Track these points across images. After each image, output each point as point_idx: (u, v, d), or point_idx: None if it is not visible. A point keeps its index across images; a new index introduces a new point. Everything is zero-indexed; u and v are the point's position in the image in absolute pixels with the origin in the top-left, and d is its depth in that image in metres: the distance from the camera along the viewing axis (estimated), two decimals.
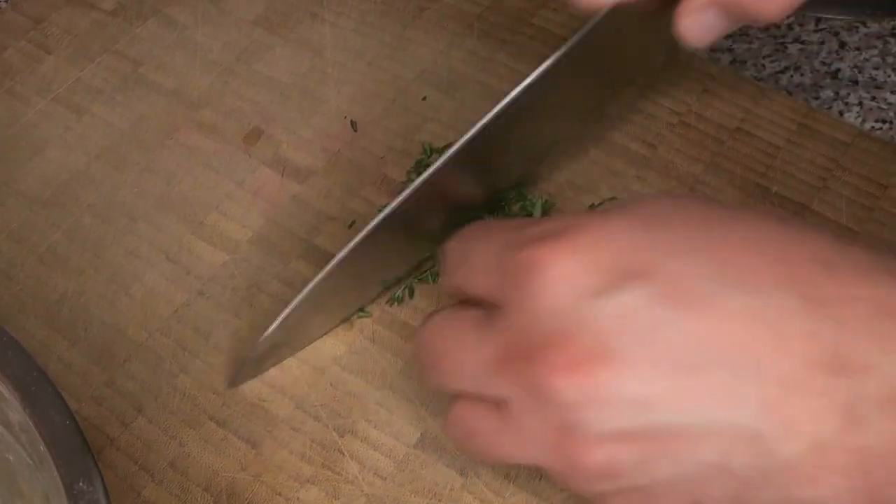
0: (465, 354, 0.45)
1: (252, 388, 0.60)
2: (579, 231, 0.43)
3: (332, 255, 0.61)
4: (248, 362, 0.59)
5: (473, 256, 0.46)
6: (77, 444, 0.47)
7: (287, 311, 0.58)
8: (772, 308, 0.40)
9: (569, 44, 0.57)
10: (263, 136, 0.72)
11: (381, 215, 0.56)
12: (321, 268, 0.64)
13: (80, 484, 0.45)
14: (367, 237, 0.56)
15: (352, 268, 0.58)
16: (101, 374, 0.61)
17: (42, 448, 0.47)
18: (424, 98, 0.73)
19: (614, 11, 0.57)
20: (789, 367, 0.40)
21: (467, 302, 0.47)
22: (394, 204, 0.56)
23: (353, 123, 0.72)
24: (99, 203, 0.69)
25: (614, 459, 0.42)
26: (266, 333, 0.58)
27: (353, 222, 0.67)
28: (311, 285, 0.57)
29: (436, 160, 0.67)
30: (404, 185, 0.63)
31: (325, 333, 0.62)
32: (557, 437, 0.42)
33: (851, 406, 0.39)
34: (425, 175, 0.57)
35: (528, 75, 0.57)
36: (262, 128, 0.72)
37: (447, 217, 0.61)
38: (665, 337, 0.40)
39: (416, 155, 0.70)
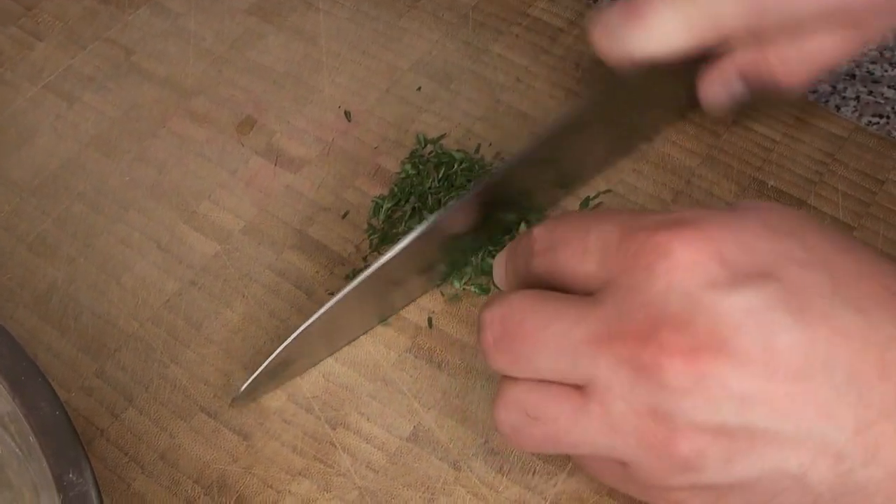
0: (561, 329, 0.44)
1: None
2: (711, 222, 0.43)
3: (325, 246, 0.61)
4: (257, 380, 0.58)
5: (588, 236, 0.45)
6: (67, 435, 0.47)
7: (296, 334, 0.57)
8: (881, 335, 0.41)
9: (588, 98, 0.58)
10: (256, 125, 0.71)
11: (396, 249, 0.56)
12: (314, 259, 0.63)
13: (70, 475, 0.45)
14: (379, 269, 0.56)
15: (366, 291, 0.57)
16: (91, 365, 0.61)
17: (31, 439, 0.47)
18: (419, 88, 0.73)
19: (640, 67, 0.58)
20: (888, 393, 0.41)
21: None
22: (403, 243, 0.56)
23: (346, 113, 0.72)
24: (90, 191, 0.68)
25: (703, 452, 0.42)
26: (274, 354, 0.57)
27: (347, 213, 0.66)
28: (323, 309, 0.56)
29: (430, 151, 0.67)
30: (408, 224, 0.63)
31: (336, 351, 0.61)
32: (650, 423, 0.43)
33: None
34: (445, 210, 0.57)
35: (550, 125, 0.59)
36: (256, 117, 0.72)
37: (460, 241, 0.61)
38: (780, 341, 0.41)
39: (410, 145, 0.70)
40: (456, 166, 0.67)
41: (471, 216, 0.59)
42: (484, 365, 0.60)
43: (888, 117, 0.73)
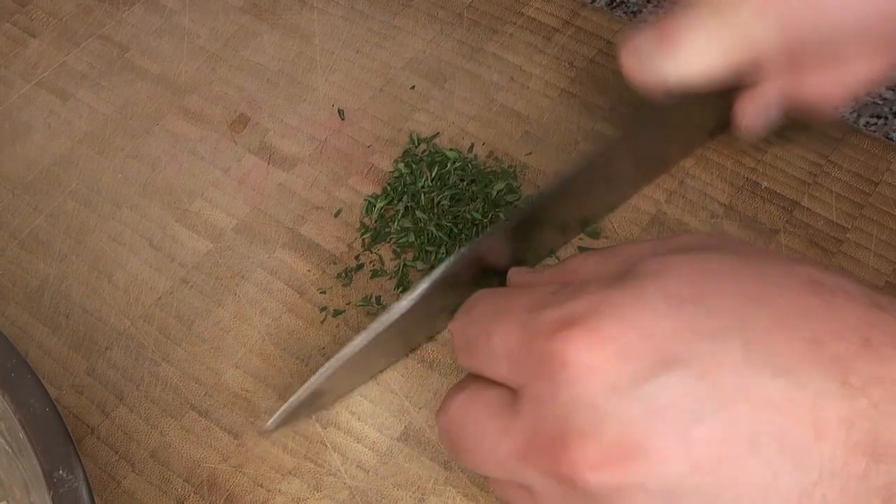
0: (491, 444, 0.44)
1: (235, 378, 0.60)
2: (608, 315, 0.41)
3: (318, 245, 0.61)
4: (289, 411, 0.56)
5: (492, 339, 0.45)
6: (57, 432, 0.47)
7: (325, 368, 0.54)
8: (808, 394, 0.39)
9: (626, 118, 0.57)
10: (250, 123, 0.71)
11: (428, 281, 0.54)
12: (306, 257, 0.63)
13: (60, 472, 0.45)
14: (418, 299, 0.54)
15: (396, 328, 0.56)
16: (82, 362, 0.61)
17: (21, 436, 0.46)
18: (413, 87, 0.73)
19: (674, 93, 0.56)
20: (828, 452, 0.39)
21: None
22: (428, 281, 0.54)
23: (340, 112, 0.72)
24: (82, 188, 0.68)
25: None
26: (305, 387, 0.54)
27: (339, 211, 0.66)
28: (353, 345, 0.54)
29: (424, 150, 0.67)
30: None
31: (371, 378, 0.61)
32: None
33: (891, 489, 0.38)
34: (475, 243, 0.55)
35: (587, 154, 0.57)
36: (249, 115, 0.72)
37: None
38: (697, 431, 0.39)
39: (403, 144, 0.69)
40: (449, 165, 0.67)
41: (502, 249, 0.58)
42: None
43: (886, 118, 0.73)
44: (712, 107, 0.60)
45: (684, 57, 0.55)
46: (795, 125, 0.64)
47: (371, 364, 0.59)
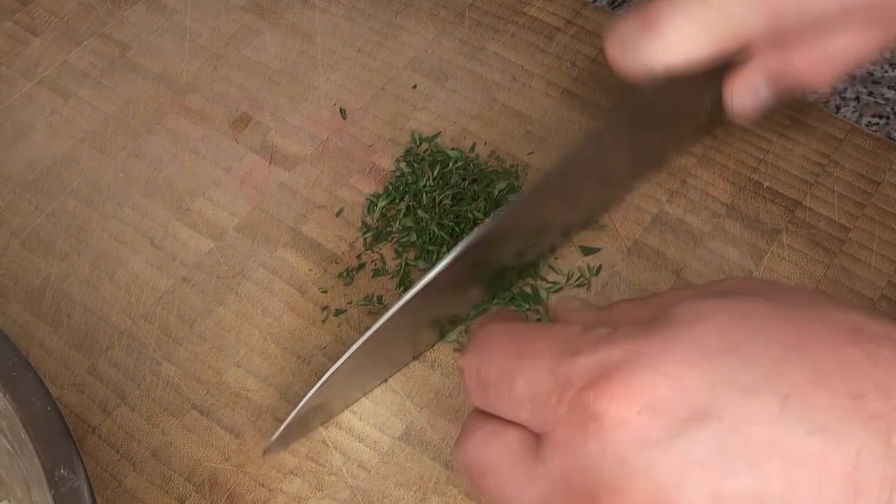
0: (515, 489, 0.43)
1: (236, 377, 0.60)
2: (640, 366, 0.40)
3: (319, 244, 0.61)
4: (288, 428, 0.57)
5: (515, 382, 0.43)
6: (58, 431, 0.46)
7: (323, 379, 0.55)
8: (847, 453, 0.37)
9: (612, 111, 0.56)
10: (251, 122, 0.71)
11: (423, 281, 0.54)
12: (308, 256, 0.63)
13: (62, 471, 0.45)
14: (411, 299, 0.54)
15: (390, 332, 0.55)
16: (84, 361, 0.61)
17: (23, 435, 0.46)
18: (414, 86, 0.73)
19: (660, 80, 0.56)
20: None
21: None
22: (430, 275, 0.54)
23: (342, 111, 0.72)
24: (84, 187, 0.68)
25: None
26: (303, 402, 0.55)
27: (341, 210, 0.66)
28: (348, 354, 0.54)
29: (426, 149, 0.67)
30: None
31: (371, 391, 0.60)
32: None
33: None
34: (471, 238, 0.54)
35: (574, 144, 0.56)
36: (251, 114, 0.72)
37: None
38: (728, 488, 0.38)
39: (405, 143, 0.69)
40: (451, 164, 0.67)
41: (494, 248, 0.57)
42: None
43: (888, 118, 0.73)
44: (702, 93, 0.59)
45: (667, 41, 0.55)
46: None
47: (374, 372, 0.59)
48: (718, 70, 0.56)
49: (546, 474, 0.41)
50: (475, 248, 0.54)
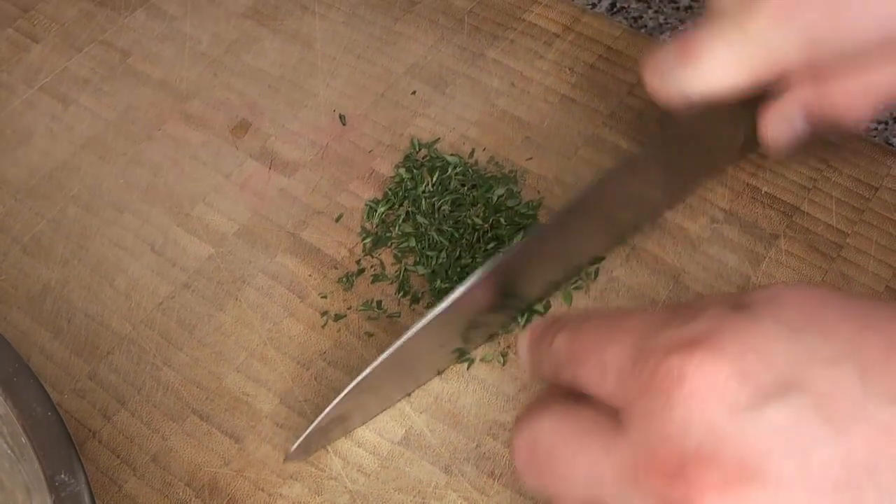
0: (589, 461, 0.43)
1: (236, 382, 0.60)
2: (727, 337, 0.40)
3: (319, 250, 0.61)
4: (310, 436, 0.57)
5: (605, 353, 0.43)
6: (59, 436, 0.47)
7: (345, 392, 0.55)
8: None
9: (649, 138, 0.56)
10: (251, 128, 0.71)
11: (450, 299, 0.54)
12: (307, 262, 0.64)
13: (62, 476, 0.45)
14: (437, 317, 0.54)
15: (412, 350, 0.55)
16: (84, 367, 0.61)
17: (23, 440, 0.47)
18: (414, 93, 0.73)
19: (699, 106, 0.56)
20: None
21: (566, 393, 0.45)
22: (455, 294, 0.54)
23: (341, 117, 0.72)
24: (84, 193, 0.68)
25: None
26: (326, 411, 0.55)
27: (341, 216, 0.66)
28: (373, 366, 0.54)
29: (425, 156, 0.67)
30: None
31: (391, 406, 0.60)
32: None
33: None
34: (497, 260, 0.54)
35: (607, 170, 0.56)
36: (251, 120, 0.72)
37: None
38: (815, 457, 0.38)
39: (404, 149, 0.70)
40: (450, 171, 0.67)
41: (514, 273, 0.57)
42: (477, 371, 0.60)
43: (887, 123, 0.73)
44: (737, 122, 0.59)
45: (705, 70, 0.55)
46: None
47: (395, 386, 0.59)
48: (754, 100, 0.56)
49: (626, 446, 0.41)
50: (504, 271, 0.54)
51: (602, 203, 0.58)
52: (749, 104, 0.56)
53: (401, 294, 0.63)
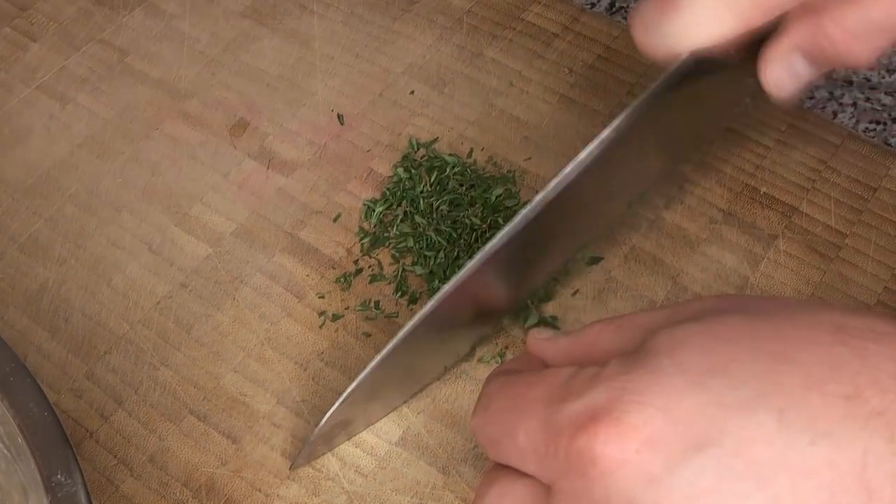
0: None
1: (233, 382, 0.60)
2: (629, 402, 0.38)
3: (317, 250, 0.61)
4: (313, 443, 0.57)
5: (516, 437, 0.42)
6: (55, 437, 0.46)
7: (346, 394, 0.54)
8: (851, 455, 0.36)
9: (640, 99, 0.53)
10: (249, 127, 0.71)
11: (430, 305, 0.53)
12: (305, 262, 0.63)
13: (59, 476, 0.45)
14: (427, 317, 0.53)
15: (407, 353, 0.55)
16: (81, 366, 0.61)
17: (20, 440, 0.46)
18: (412, 92, 0.73)
19: (690, 61, 0.53)
20: None
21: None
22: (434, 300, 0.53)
23: (339, 116, 0.72)
24: (82, 192, 0.68)
25: None
26: (328, 415, 0.55)
27: (339, 216, 0.66)
28: (366, 371, 0.54)
29: (423, 155, 0.67)
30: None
31: (394, 409, 0.60)
32: None
33: None
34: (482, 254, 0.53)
35: (595, 137, 0.54)
36: (249, 119, 0.72)
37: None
38: None
39: (402, 149, 0.70)
40: (448, 170, 0.67)
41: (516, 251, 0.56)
42: (475, 371, 0.60)
43: (885, 124, 0.73)
44: (738, 76, 0.56)
45: (691, 19, 0.51)
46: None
47: (397, 389, 0.59)
48: (752, 51, 0.54)
49: None
50: (504, 249, 0.53)
51: (608, 168, 0.55)
52: (747, 56, 0.54)
53: (399, 294, 0.63)
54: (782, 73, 0.53)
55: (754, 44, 0.53)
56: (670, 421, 0.38)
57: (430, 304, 0.53)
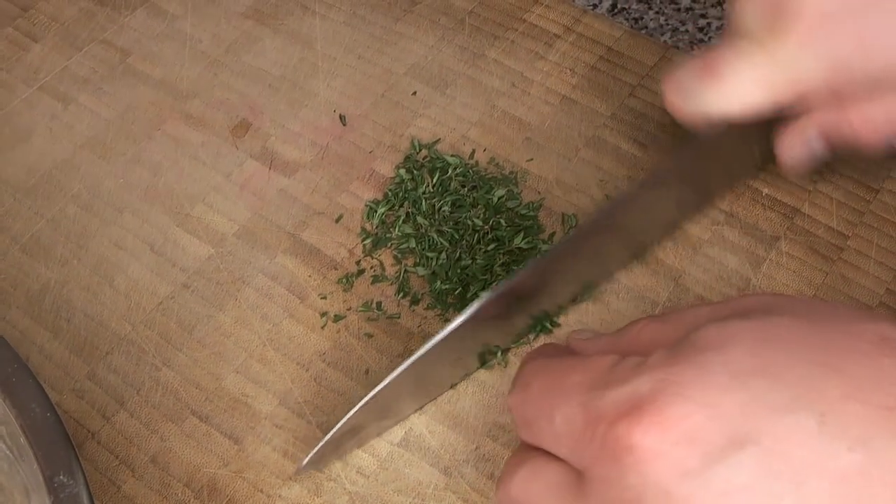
0: None
1: (235, 383, 0.60)
2: (672, 395, 0.39)
3: (319, 250, 0.61)
4: (325, 447, 0.56)
5: (553, 419, 0.42)
6: (58, 437, 0.47)
7: (361, 404, 0.54)
8: (886, 464, 0.37)
9: (670, 163, 0.55)
10: (251, 128, 0.71)
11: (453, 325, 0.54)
12: (307, 262, 0.63)
13: (61, 477, 0.45)
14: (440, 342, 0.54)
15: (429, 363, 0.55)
16: (83, 367, 0.61)
17: (22, 440, 0.46)
18: (414, 93, 0.73)
19: (721, 129, 0.56)
20: None
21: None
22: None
23: (341, 117, 0.72)
24: (84, 193, 0.68)
25: None
26: (339, 425, 0.55)
27: (341, 217, 0.66)
28: (386, 381, 0.54)
29: (425, 156, 0.67)
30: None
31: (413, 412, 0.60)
32: None
33: None
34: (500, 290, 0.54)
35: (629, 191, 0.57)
36: (251, 120, 0.72)
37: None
38: None
39: (404, 150, 0.70)
40: (450, 171, 0.67)
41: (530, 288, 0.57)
42: (476, 373, 0.60)
43: None
44: (754, 140, 0.59)
45: (728, 90, 0.55)
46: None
47: (409, 400, 0.59)
48: (772, 119, 0.56)
49: None
50: (523, 283, 0.54)
51: (623, 220, 0.58)
52: (767, 122, 0.56)
53: (400, 295, 0.63)
54: (800, 148, 0.57)
55: (772, 115, 0.56)
56: (712, 417, 0.38)
57: (453, 324, 0.53)
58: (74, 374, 0.61)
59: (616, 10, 0.81)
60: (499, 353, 0.60)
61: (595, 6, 0.81)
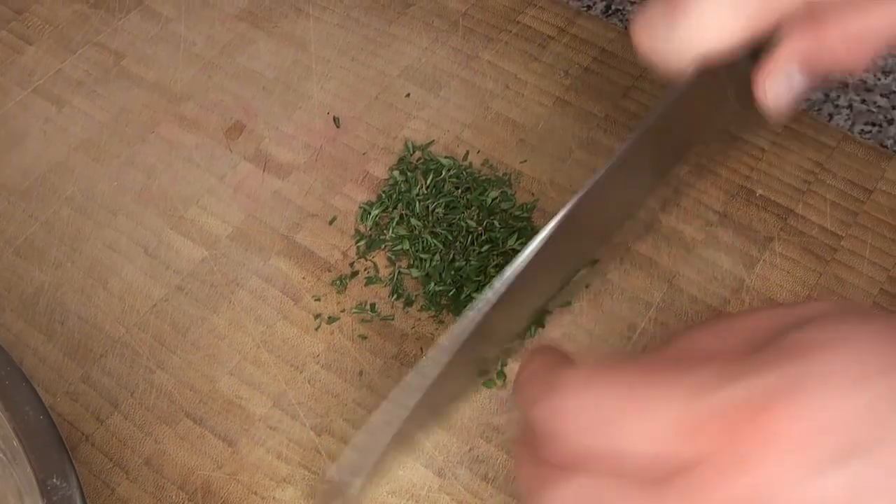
0: None
1: (229, 385, 0.60)
2: (802, 392, 0.37)
3: (312, 252, 0.61)
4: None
5: (657, 411, 0.39)
6: (51, 440, 0.47)
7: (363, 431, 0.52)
8: None
9: (652, 116, 0.53)
10: (245, 130, 0.71)
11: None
12: (301, 264, 0.63)
13: (54, 480, 0.45)
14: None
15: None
16: (77, 370, 0.61)
17: (15, 443, 0.47)
18: (408, 95, 0.73)
19: (695, 78, 0.52)
20: None
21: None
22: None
23: (335, 119, 0.72)
24: (78, 196, 0.68)
25: None
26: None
27: (334, 219, 0.66)
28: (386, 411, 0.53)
29: (419, 158, 0.67)
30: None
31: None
32: None
33: None
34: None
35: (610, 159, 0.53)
36: (245, 122, 0.72)
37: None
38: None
39: (398, 152, 0.70)
40: (444, 173, 0.67)
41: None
42: None
43: (881, 126, 0.73)
44: (732, 81, 0.56)
45: (699, 23, 0.50)
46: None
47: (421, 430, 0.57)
48: (747, 59, 0.54)
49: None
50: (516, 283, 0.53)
51: (604, 197, 0.56)
52: (742, 61, 0.54)
53: (394, 297, 0.63)
54: (781, 83, 0.53)
55: (744, 53, 0.52)
56: (840, 417, 0.37)
57: (451, 350, 0.52)
58: (68, 376, 0.61)
59: (610, 12, 0.81)
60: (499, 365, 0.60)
61: (589, 8, 0.81)
